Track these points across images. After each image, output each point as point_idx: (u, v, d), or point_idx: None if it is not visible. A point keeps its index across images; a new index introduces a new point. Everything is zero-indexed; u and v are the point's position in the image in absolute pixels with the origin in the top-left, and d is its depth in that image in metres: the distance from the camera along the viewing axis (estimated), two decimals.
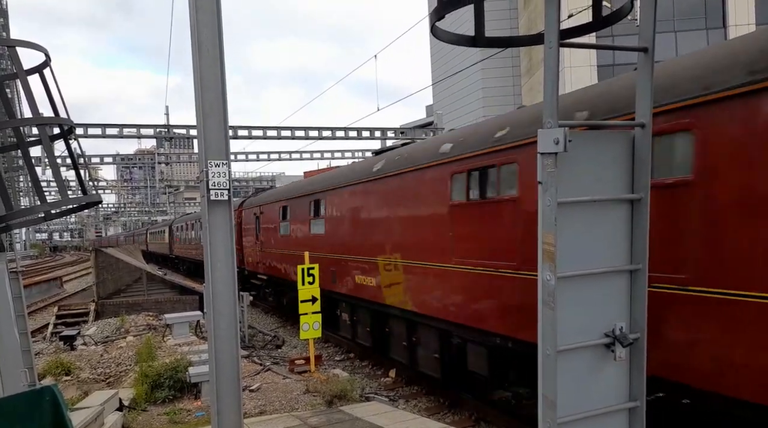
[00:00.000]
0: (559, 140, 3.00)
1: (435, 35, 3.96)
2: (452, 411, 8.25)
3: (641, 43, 3.38)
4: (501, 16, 44.91)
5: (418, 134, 27.61)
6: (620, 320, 3.40)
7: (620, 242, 3.43)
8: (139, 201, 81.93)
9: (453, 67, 42.96)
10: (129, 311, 16.23)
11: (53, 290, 28.33)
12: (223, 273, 5.08)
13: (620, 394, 3.46)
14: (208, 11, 4.96)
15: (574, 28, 3.76)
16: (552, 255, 3.10)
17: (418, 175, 8.33)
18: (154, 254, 44.42)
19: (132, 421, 7.25)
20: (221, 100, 5.06)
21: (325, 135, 25.13)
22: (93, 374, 9.77)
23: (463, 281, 7.16)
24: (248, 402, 7.81)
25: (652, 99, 3.42)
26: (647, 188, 3.40)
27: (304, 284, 9.76)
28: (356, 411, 7.27)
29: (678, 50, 31.86)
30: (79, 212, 5.64)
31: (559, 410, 3.13)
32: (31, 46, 4.18)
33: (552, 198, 3.08)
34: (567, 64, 33.64)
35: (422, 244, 8.18)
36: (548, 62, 3.08)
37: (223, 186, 5.05)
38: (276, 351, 12.66)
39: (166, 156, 48.08)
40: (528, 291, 5.54)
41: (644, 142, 3.40)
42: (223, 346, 5.07)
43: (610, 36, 31.06)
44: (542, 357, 3.19)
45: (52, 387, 3.15)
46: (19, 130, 4.57)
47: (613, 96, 5.11)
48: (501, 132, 6.44)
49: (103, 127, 22.33)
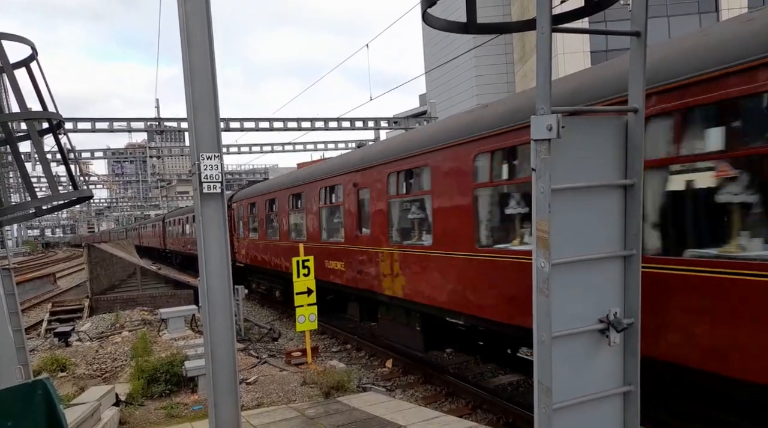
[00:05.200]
0: (552, 126, 2.99)
1: (427, 22, 3.92)
2: (450, 400, 8.30)
3: (633, 28, 3.36)
4: (494, 3, 44.66)
5: (411, 123, 27.50)
6: (614, 305, 3.42)
7: (614, 228, 3.44)
8: (131, 196, 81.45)
9: (446, 55, 42.78)
10: (123, 306, 16.15)
11: (47, 286, 28.17)
12: (217, 267, 5.05)
13: (615, 379, 3.49)
14: (197, 0, 4.88)
15: (566, 13, 3.74)
16: (546, 242, 3.09)
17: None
18: (147, 248, 44.65)
19: (129, 416, 7.24)
20: (212, 91, 4.99)
21: (318, 126, 25.00)
22: (89, 370, 9.74)
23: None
24: (245, 394, 7.83)
25: (644, 84, 3.41)
26: (640, 174, 3.40)
27: (299, 276, 9.74)
28: (353, 402, 7.30)
29: (671, 35, 31.83)
30: (70, 207, 5.59)
31: (554, 396, 3.15)
32: (17, 39, 4.11)
33: (545, 185, 3.07)
34: (560, 50, 33.57)
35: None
36: (541, 48, 3.06)
37: (215, 179, 5.01)
38: (272, 344, 12.67)
39: (158, 150, 47.73)
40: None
41: (637, 127, 3.39)
42: (218, 340, 5.05)
43: (603, 21, 31.01)
44: (537, 343, 3.21)
45: (44, 381, 3.13)
46: (8, 125, 4.51)
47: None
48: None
49: (92, 121, 22.10)
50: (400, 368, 9.90)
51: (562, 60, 33.02)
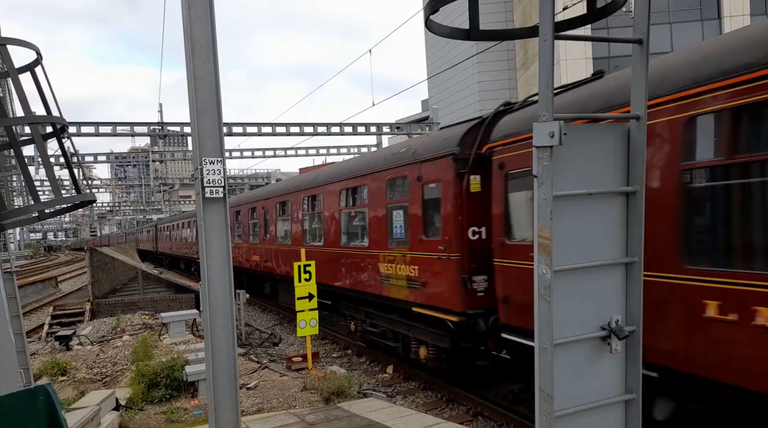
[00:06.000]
0: (554, 133, 2.99)
1: (429, 29, 3.93)
2: (450, 407, 8.26)
3: (636, 35, 3.37)
4: (496, 9, 44.81)
5: (413, 129, 27.55)
6: (616, 313, 3.41)
7: (615, 235, 3.43)
8: (133, 200, 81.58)
9: (448, 62, 42.89)
10: (125, 310, 16.16)
11: (48, 290, 28.19)
12: (218, 271, 5.05)
13: (616, 387, 3.47)
14: (201, 6, 4.90)
15: (569, 20, 3.75)
16: (548, 249, 3.09)
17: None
18: (142, 251, 46.81)
19: (129, 421, 7.23)
20: (215, 96, 5.01)
21: (321, 131, 25.05)
22: (89, 374, 9.73)
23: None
24: (246, 399, 7.80)
25: (646, 91, 3.41)
26: (642, 181, 3.40)
27: (301, 281, 9.73)
28: (354, 408, 7.28)
29: (673, 42, 31.90)
30: (73, 211, 5.60)
31: (556, 403, 3.13)
32: (22, 44, 4.14)
33: (547, 192, 3.07)
34: (562, 57, 33.64)
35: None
36: (543, 55, 3.07)
37: (218, 183, 5.01)
38: (273, 349, 12.65)
39: (161, 154, 47.88)
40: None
41: (639, 134, 3.39)
42: (219, 344, 5.04)
43: (606, 28, 31.08)
44: (539, 350, 3.19)
45: (46, 387, 3.13)
46: (12, 129, 4.53)
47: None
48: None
49: (96, 125, 22.20)
50: (400, 374, 9.86)
51: (564, 67, 33.08)
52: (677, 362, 4.81)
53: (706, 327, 4.55)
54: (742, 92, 4.36)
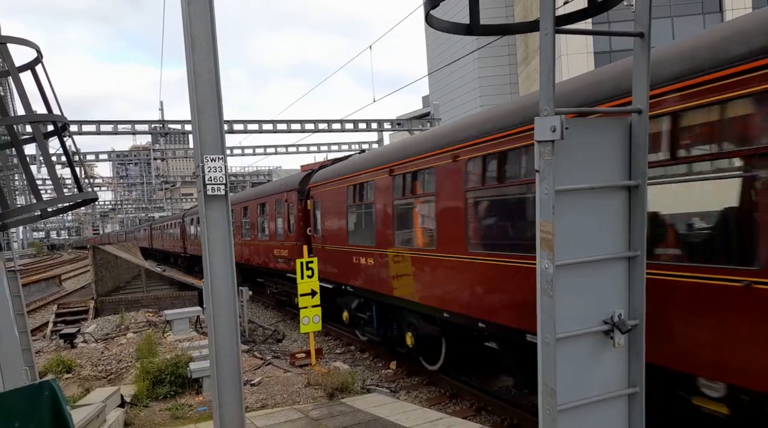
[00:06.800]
0: (556, 127, 2.98)
1: (430, 24, 3.92)
2: (453, 401, 8.28)
3: (637, 29, 3.36)
4: (497, 4, 44.65)
5: (414, 125, 27.49)
6: (619, 307, 3.40)
7: (618, 229, 3.43)
8: (135, 198, 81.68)
9: (449, 57, 42.76)
10: (128, 308, 16.22)
11: (52, 288, 28.30)
12: (221, 268, 5.06)
13: (619, 380, 3.47)
14: (201, 2, 4.89)
15: (569, 14, 3.73)
16: (550, 243, 3.09)
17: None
18: (140, 248, 48.73)
19: (134, 417, 7.26)
20: (216, 94, 5.01)
21: (322, 128, 25.03)
22: (94, 371, 9.77)
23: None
24: (250, 396, 7.83)
25: (648, 85, 3.40)
26: (644, 175, 3.39)
27: (303, 277, 9.75)
28: (357, 403, 7.30)
29: (675, 35, 31.72)
30: (75, 209, 5.62)
31: (559, 397, 3.14)
32: (22, 43, 4.13)
33: (549, 186, 3.07)
34: (563, 51, 33.52)
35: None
36: (544, 49, 3.06)
37: (219, 181, 5.01)
38: (276, 345, 12.69)
39: (162, 152, 47.93)
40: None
41: (641, 128, 3.38)
42: (223, 341, 5.06)
43: (607, 22, 30.95)
44: (542, 344, 3.20)
45: (51, 382, 3.13)
46: (13, 128, 4.53)
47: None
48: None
49: (97, 123, 22.22)
50: (404, 369, 9.89)
51: (565, 61, 32.96)
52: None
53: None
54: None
